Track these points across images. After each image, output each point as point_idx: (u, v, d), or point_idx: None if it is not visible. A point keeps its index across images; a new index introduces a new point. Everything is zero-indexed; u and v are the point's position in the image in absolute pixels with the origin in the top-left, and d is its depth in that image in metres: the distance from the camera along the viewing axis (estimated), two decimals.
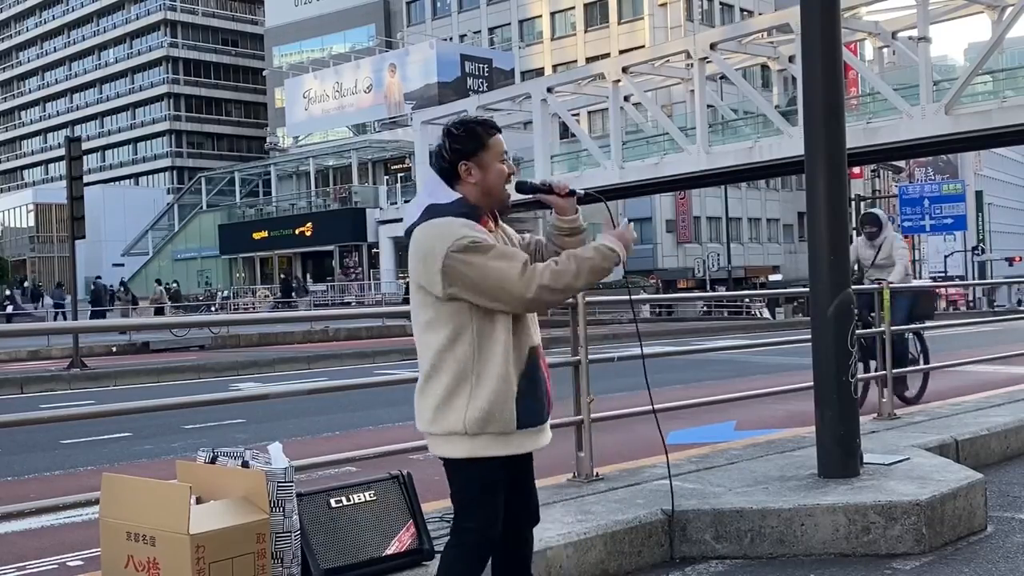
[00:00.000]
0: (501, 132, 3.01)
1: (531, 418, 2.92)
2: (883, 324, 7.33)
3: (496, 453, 2.89)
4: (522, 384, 2.91)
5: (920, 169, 70.81)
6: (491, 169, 2.93)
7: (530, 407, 2.92)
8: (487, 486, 2.92)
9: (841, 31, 5.22)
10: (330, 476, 5.47)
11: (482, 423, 2.87)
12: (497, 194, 2.97)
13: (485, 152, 2.93)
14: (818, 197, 5.07)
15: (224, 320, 15.83)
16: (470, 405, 2.88)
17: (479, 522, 2.93)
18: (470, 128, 2.96)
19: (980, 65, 31.17)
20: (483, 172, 2.93)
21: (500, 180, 2.96)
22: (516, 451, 2.93)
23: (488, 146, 2.94)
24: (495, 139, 2.96)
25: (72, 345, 18.86)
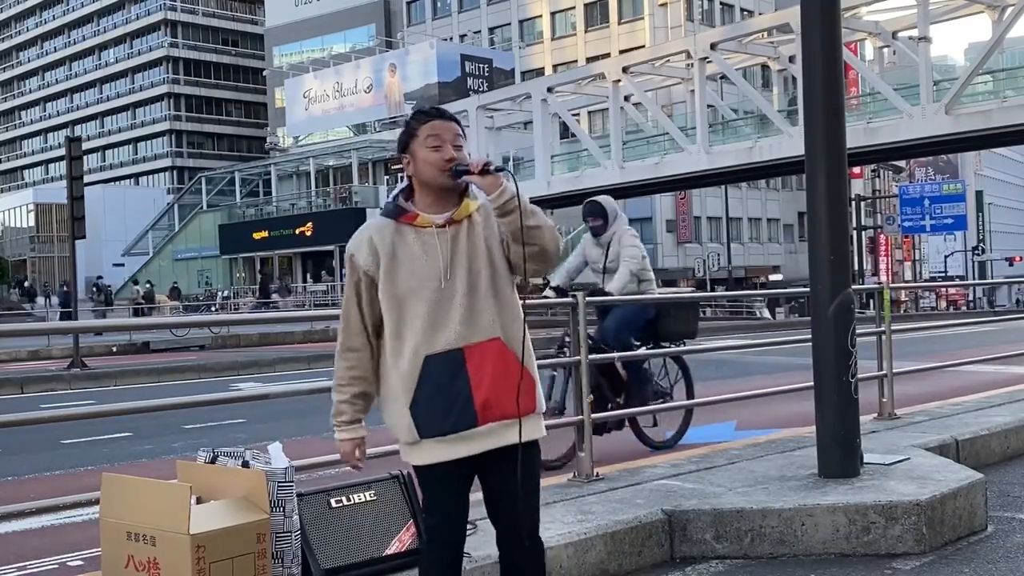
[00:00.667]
0: (445, 118, 2.87)
1: (432, 428, 2.79)
2: (883, 324, 7.33)
3: (413, 461, 2.87)
4: (420, 394, 2.79)
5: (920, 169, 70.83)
6: (418, 157, 2.83)
7: (429, 416, 2.79)
8: (427, 490, 2.90)
9: (841, 31, 5.22)
10: (330, 476, 5.47)
11: (393, 431, 2.89)
12: (431, 181, 2.82)
13: (414, 141, 2.84)
14: (818, 197, 5.07)
15: (224, 320, 15.85)
16: (385, 415, 2.92)
17: (428, 526, 2.94)
18: (407, 120, 2.91)
19: (980, 65, 31.18)
20: (414, 162, 2.85)
21: (428, 167, 2.81)
22: (429, 460, 2.82)
23: (416, 134, 2.84)
24: (426, 125, 2.84)
25: (72, 345, 18.87)
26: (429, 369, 2.78)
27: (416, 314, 2.80)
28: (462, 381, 2.77)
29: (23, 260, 67.56)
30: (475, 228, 2.85)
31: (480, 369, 2.78)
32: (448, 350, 2.78)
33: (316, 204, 55.68)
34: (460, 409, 2.77)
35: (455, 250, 2.82)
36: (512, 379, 2.80)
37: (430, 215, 2.84)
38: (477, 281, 2.81)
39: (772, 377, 11.11)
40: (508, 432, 2.81)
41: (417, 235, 2.82)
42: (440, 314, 2.79)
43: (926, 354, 13.03)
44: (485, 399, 2.77)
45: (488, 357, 2.79)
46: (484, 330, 2.80)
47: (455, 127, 2.87)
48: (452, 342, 2.78)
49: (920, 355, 12.64)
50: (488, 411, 2.78)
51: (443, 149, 2.81)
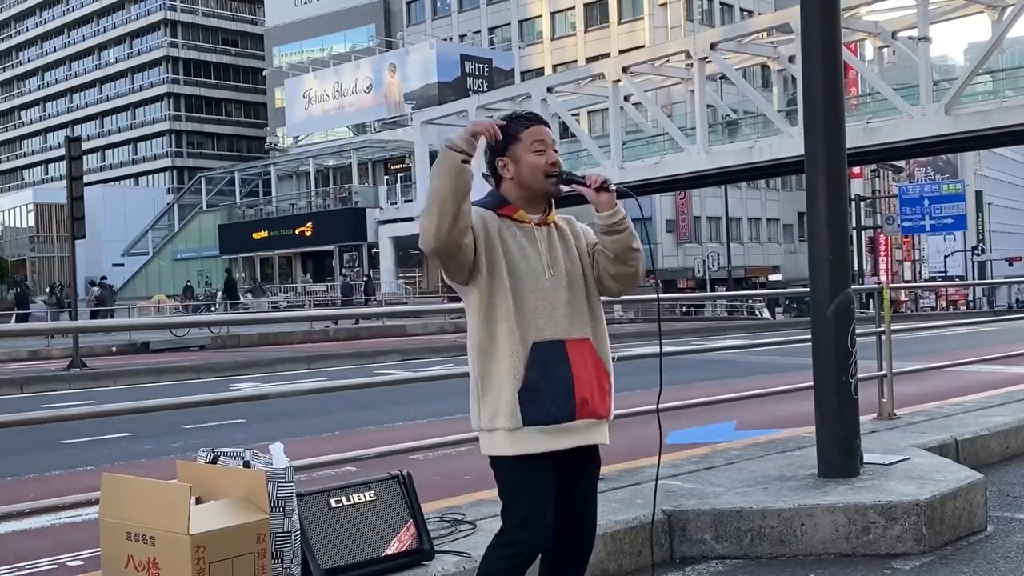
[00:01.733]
0: (543, 124, 2.97)
1: (536, 415, 2.78)
2: (883, 324, 7.33)
3: (509, 451, 2.81)
4: (529, 378, 2.79)
5: (920, 169, 70.82)
6: (522, 161, 2.90)
7: (535, 402, 2.78)
8: (518, 483, 2.83)
9: (841, 31, 5.23)
10: (330, 476, 5.47)
11: (491, 418, 2.84)
12: (535, 186, 2.91)
13: (516, 145, 2.91)
14: (818, 197, 5.07)
15: (224, 320, 15.85)
16: (483, 399, 2.87)
17: (511, 522, 2.85)
18: (505, 124, 2.94)
19: (980, 65, 31.19)
20: (516, 165, 2.91)
21: (534, 171, 2.90)
22: (526, 450, 2.79)
23: (520, 139, 2.91)
24: (529, 130, 2.92)
25: (72, 345, 18.86)
26: (537, 355, 2.81)
27: (526, 302, 2.83)
28: (565, 373, 2.82)
29: (23, 260, 67.56)
30: (564, 234, 2.97)
31: (579, 365, 2.85)
32: (554, 340, 2.83)
33: (316, 204, 55.70)
34: (563, 400, 2.81)
35: (551, 248, 2.91)
36: (600, 381, 2.90)
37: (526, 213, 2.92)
38: (574, 281, 2.91)
39: (772, 377, 11.11)
40: (594, 432, 2.90)
41: (519, 228, 2.89)
42: (547, 304, 2.85)
43: (926, 354, 13.04)
44: (583, 394, 2.84)
45: (585, 355, 2.87)
46: (581, 328, 2.89)
47: (551, 133, 2.97)
48: (556, 333, 2.84)
49: (920, 355, 12.64)
50: (584, 407, 2.84)
51: (547, 153, 2.91)
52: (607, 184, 2.87)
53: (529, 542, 2.84)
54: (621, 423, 7.06)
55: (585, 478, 2.96)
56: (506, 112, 3.05)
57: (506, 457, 2.83)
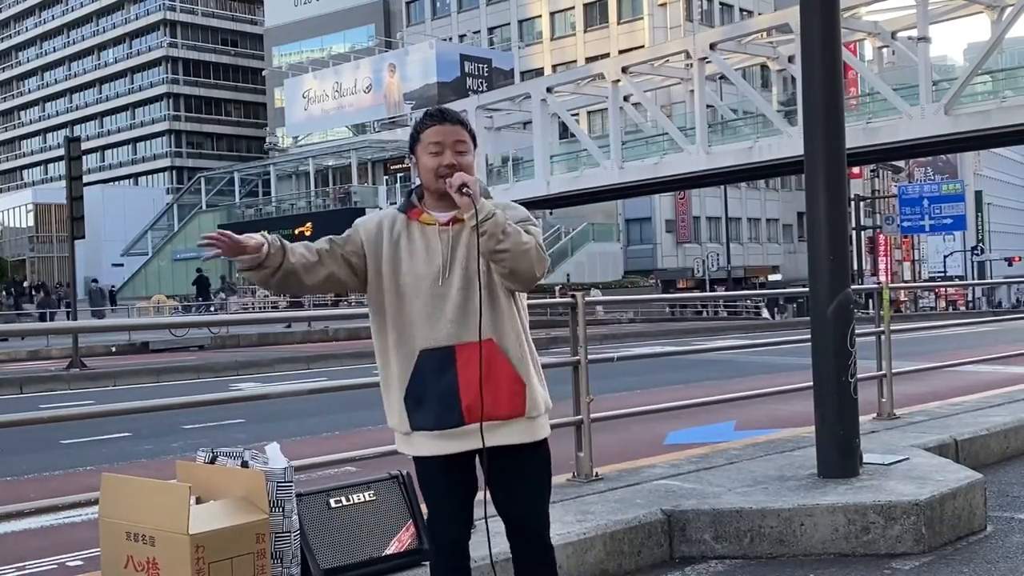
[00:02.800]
0: (453, 122, 2.88)
1: (422, 421, 2.84)
2: (882, 324, 7.33)
3: (405, 452, 2.95)
4: (413, 386, 2.85)
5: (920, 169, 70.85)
6: (420, 161, 2.90)
7: (419, 410, 2.84)
8: (420, 482, 2.98)
9: (841, 31, 5.23)
10: (330, 476, 5.47)
11: (391, 420, 2.95)
12: (429, 185, 2.89)
13: (418, 145, 2.91)
14: (818, 197, 5.07)
15: (223, 320, 15.84)
16: (385, 402, 2.97)
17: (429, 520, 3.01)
18: (416, 122, 2.96)
19: (980, 65, 31.18)
20: (417, 165, 2.93)
21: (427, 172, 2.87)
22: (419, 453, 2.90)
23: (420, 139, 2.90)
24: (429, 131, 2.87)
25: (71, 345, 18.86)
26: (422, 363, 2.83)
27: (413, 308, 2.84)
28: (451, 379, 2.80)
29: (22, 260, 67.55)
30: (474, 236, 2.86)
31: (468, 368, 2.79)
32: (440, 347, 2.81)
33: (315, 204, 55.69)
34: (447, 406, 2.80)
35: (454, 249, 2.84)
36: (503, 381, 2.81)
37: (435, 213, 2.89)
38: (473, 281, 2.81)
39: (771, 377, 11.11)
40: (499, 432, 2.83)
41: (421, 232, 2.88)
42: (435, 311, 2.82)
43: (925, 354, 13.04)
44: (471, 399, 2.79)
45: (476, 357, 2.78)
46: (476, 330, 2.79)
47: (459, 131, 2.88)
48: (444, 339, 2.81)
49: (919, 355, 12.65)
50: (473, 411, 2.79)
51: (443, 155, 2.84)
52: (464, 187, 2.76)
53: (440, 536, 2.96)
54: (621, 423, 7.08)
55: (513, 478, 2.88)
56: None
57: (413, 458, 2.96)
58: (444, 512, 2.92)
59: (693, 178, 39.74)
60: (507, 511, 2.93)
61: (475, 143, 2.94)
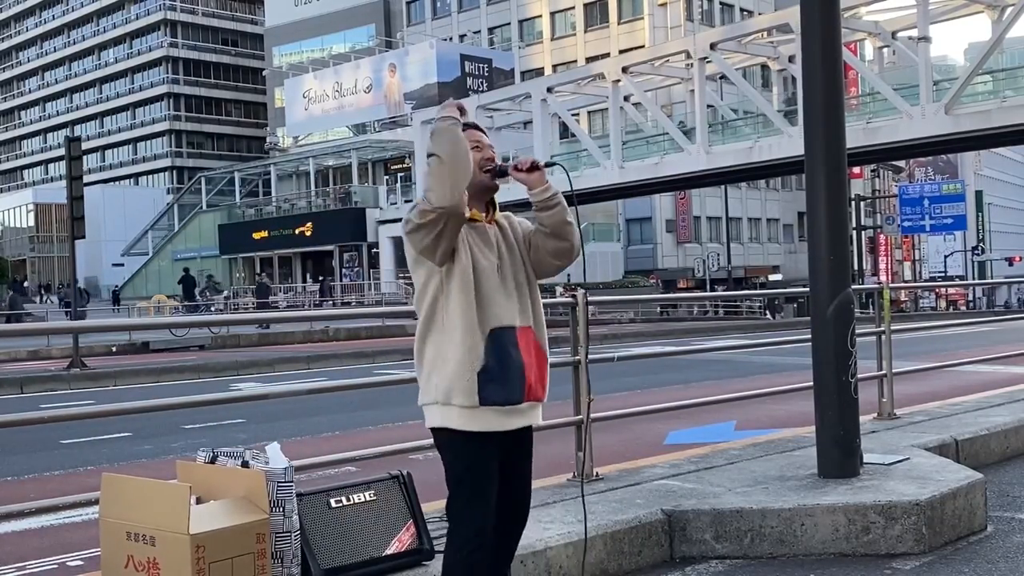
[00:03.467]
0: (477, 129, 3.12)
1: (494, 396, 2.95)
2: (883, 324, 7.33)
3: (467, 426, 2.96)
4: (489, 362, 2.95)
5: (920, 169, 70.83)
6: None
7: (493, 384, 2.95)
8: (469, 458, 2.99)
9: (841, 31, 5.22)
10: (330, 476, 5.47)
11: (446, 395, 2.98)
12: (474, 180, 3.02)
13: None
14: (818, 197, 5.07)
15: (224, 320, 15.85)
16: (434, 376, 3.03)
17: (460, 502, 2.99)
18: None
19: (980, 65, 31.17)
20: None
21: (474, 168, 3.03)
22: (483, 427, 2.96)
23: None
24: (465, 132, 3.03)
25: (72, 345, 18.85)
26: (496, 341, 2.98)
27: (483, 292, 3.00)
28: (518, 358, 3.01)
29: (23, 260, 67.58)
30: (505, 230, 3.14)
31: (527, 350, 3.04)
32: (511, 327, 3.02)
33: (316, 204, 55.67)
34: (517, 383, 2.99)
35: (499, 243, 3.10)
36: (541, 366, 3.08)
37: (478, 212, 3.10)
38: (519, 273, 3.10)
39: (771, 377, 11.11)
40: (534, 413, 3.10)
41: (472, 227, 3.06)
42: (502, 295, 3.03)
43: (926, 354, 13.05)
44: (531, 378, 3.03)
45: (531, 341, 3.06)
46: (526, 317, 3.08)
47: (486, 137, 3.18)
48: (510, 321, 3.03)
49: (920, 355, 12.65)
50: (531, 390, 3.03)
51: (483, 150, 3.09)
52: (536, 164, 3.06)
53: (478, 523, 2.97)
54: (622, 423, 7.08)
55: (522, 460, 3.13)
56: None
57: (460, 433, 2.98)
58: (489, 492, 3.00)
59: (693, 178, 39.72)
60: (514, 495, 3.11)
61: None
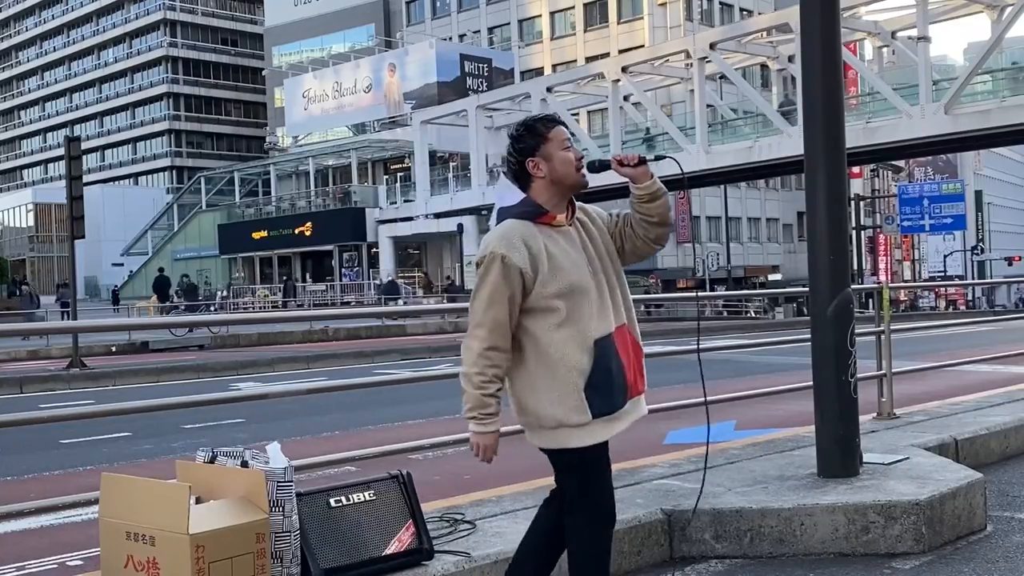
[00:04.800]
0: (562, 124, 3.16)
1: (603, 407, 3.01)
2: (882, 324, 7.33)
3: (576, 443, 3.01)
4: (594, 376, 2.99)
5: (919, 169, 70.83)
6: (556, 158, 3.07)
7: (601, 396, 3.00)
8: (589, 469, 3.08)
9: (841, 31, 5.22)
10: (329, 476, 5.46)
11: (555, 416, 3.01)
12: (569, 180, 3.08)
13: (547, 144, 3.08)
14: (817, 197, 5.06)
15: (223, 320, 15.82)
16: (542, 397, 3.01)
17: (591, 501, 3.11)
18: (529, 125, 3.13)
19: (979, 65, 31.18)
20: (549, 163, 3.07)
21: (567, 166, 3.07)
22: (595, 440, 3.03)
23: (548, 138, 3.08)
24: (555, 130, 3.10)
25: (71, 345, 18.85)
26: (599, 353, 3.00)
27: (581, 303, 3.00)
28: (618, 362, 3.05)
29: (22, 260, 67.57)
30: (587, 225, 3.14)
31: (624, 350, 3.08)
32: (608, 334, 3.04)
33: (315, 204, 55.69)
34: (621, 388, 3.05)
35: (585, 245, 3.10)
36: (638, 359, 3.15)
37: (560, 216, 3.10)
38: (608, 273, 3.12)
39: (771, 377, 11.11)
40: (638, 408, 3.17)
41: (559, 233, 3.06)
42: (598, 301, 3.05)
43: (925, 354, 13.05)
44: (631, 378, 3.09)
45: (626, 339, 3.10)
46: (619, 315, 3.11)
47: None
48: (607, 327, 3.04)
49: (919, 355, 12.65)
50: (632, 388, 3.11)
51: (572, 149, 3.11)
52: (644, 158, 3.15)
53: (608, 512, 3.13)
54: None
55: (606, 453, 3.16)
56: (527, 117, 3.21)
57: (575, 449, 3.03)
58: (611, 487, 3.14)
59: (693, 177, 39.68)
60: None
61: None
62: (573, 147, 3.11)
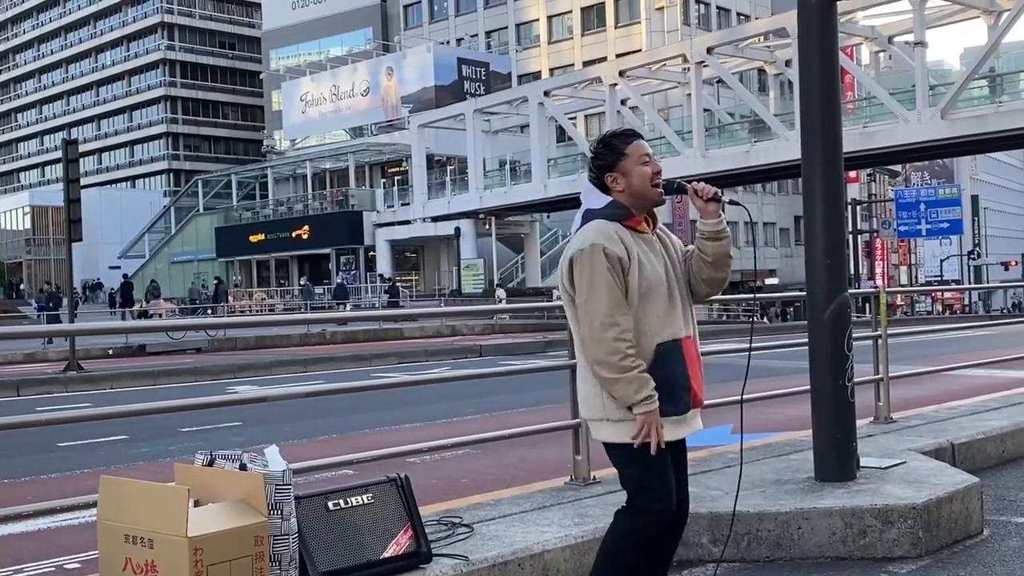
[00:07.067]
0: (642, 138, 3.23)
1: (670, 409, 3.08)
2: (879, 328, 7.34)
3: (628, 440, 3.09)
4: (661, 376, 3.06)
5: (916, 173, 70.96)
6: (633, 174, 3.15)
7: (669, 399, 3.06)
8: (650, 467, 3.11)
9: (838, 35, 5.24)
10: (328, 479, 5.47)
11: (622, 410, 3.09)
12: (647, 195, 3.16)
13: (625, 160, 3.17)
14: (815, 201, 5.08)
15: (221, 323, 15.84)
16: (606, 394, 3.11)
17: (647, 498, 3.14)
18: (607, 142, 3.23)
19: (976, 70, 31.25)
20: (627, 178, 3.16)
21: (645, 181, 3.15)
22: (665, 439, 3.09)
23: (626, 154, 3.18)
24: (633, 145, 3.18)
25: (68, 348, 18.83)
26: (661, 355, 3.09)
27: (653, 306, 3.10)
28: (683, 368, 3.14)
29: (19, 263, 67.47)
30: (665, 242, 3.23)
31: (692, 359, 3.17)
32: (674, 339, 3.12)
33: (312, 207, 55.68)
34: (684, 393, 3.13)
35: (664, 255, 3.20)
36: (701, 372, 3.24)
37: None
38: (680, 284, 3.21)
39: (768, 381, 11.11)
40: (697, 420, 3.26)
41: (642, 238, 3.16)
42: (669, 307, 3.13)
43: (922, 358, 13.06)
44: (696, 387, 3.18)
45: (694, 350, 3.19)
46: (690, 326, 3.20)
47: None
48: (675, 333, 3.13)
49: (916, 359, 12.66)
50: (696, 398, 3.19)
51: (652, 164, 3.18)
52: (717, 195, 3.16)
53: (662, 514, 3.14)
54: None
55: (683, 461, 3.28)
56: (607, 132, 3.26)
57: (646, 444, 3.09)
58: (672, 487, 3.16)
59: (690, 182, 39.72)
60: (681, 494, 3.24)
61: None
62: (652, 161, 3.17)
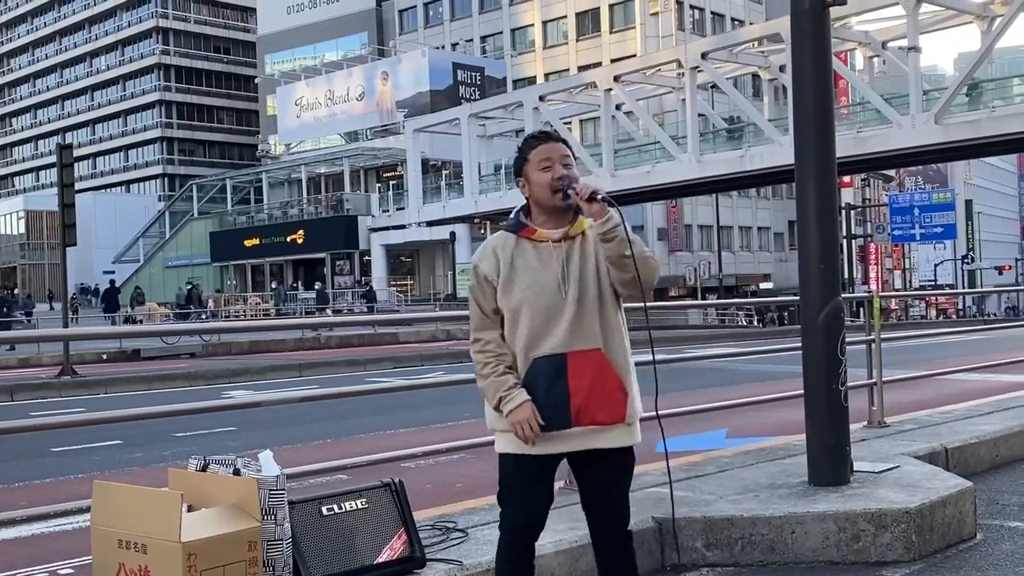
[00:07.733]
0: (555, 140, 3.11)
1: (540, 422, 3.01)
2: (873, 333, 7.35)
3: (507, 449, 3.08)
4: (529, 391, 3.01)
5: (910, 178, 71.12)
6: (532, 180, 3.07)
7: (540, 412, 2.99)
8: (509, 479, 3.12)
9: (831, 40, 5.25)
10: (322, 484, 5.46)
11: (493, 420, 3.11)
12: (544, 201, 3.05)
13: (527, 165, 3.09)
14: (808, 206, 5.09)
15: (215, 328, 15.82)
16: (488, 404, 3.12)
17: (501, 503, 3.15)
18: (520, 145, 3.15)
19: (970, 75, 31.33)
20: (529, 184, 3.09)
21: (542, 189, 3.04)
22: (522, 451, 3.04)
23: (528, 159, 3.09)
24: (536, 150, 3.07)
25: (63, 352, 18.80)
26: (535, 370, 3.02)
27: (526, 320, 3.02)
28: (562, 384, 3.00)
29: (13, 268, 67.31)
30: (588, 244, 3.06)
31: (580, 375, 3.00)
32: (553, 354, 3.00)
33: (307, 212, 55.66)
34: (558, 410, 3.00)
35: (568, 263, 3.03)
36: (608, 389, 3.04)
37: (546, 231, 3.06)
38: (585, 293, 3.02)
39: (762, 385, 11.13)
40: (598, 437, 3.06)
41: (535, 249, 3.05)
42: (550, 321, 3.01)
43: (916, 362, 13.08)
44: (581, 404, 3.01)
45: (588, 365, 3.01)
46: (588, 339, 3.01)
47: (563, 148, 3.10)
48: (557, 347, 3.00)
49: (910, 363, 12.68)
50: (581, 415, 3.02)
51: (553, 169, 3.03)
52: (595, 194, 2.96)
53: (512, 529, 3.13)
54: None
55: (603, 474, 3.14)
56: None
57: (507, 454, 3.10)
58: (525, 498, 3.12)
59: (685, 186, 39.84)
60: (596, 502, 3.20)
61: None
62: (556, 167, 3.01)
